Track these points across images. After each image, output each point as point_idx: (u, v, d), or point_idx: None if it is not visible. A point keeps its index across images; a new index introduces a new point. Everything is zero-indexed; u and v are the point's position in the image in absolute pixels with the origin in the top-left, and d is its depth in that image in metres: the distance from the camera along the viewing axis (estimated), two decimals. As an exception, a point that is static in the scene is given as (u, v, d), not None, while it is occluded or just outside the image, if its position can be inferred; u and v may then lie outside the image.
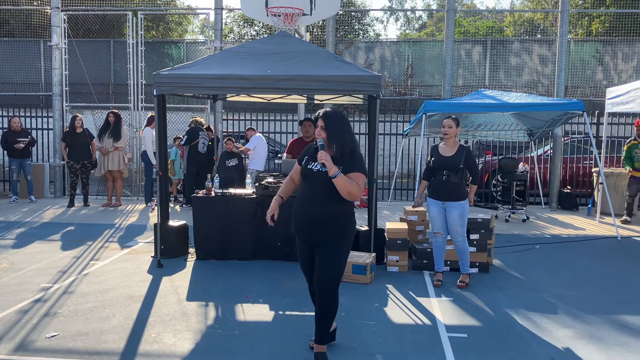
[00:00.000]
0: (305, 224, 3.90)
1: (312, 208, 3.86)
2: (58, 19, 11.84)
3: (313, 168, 3.90)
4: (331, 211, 3.84)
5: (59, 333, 4.43)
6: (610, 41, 16.79)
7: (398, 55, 18.38)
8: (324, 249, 3.86)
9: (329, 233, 3.86)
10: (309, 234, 3.92)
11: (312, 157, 3.95)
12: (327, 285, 3.84)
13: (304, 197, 3.92)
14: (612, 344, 4.38)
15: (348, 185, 3.74)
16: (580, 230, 9.09)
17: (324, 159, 3.74)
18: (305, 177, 3.96)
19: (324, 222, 3.84)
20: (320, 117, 3.91)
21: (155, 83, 6.43)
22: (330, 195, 3.81)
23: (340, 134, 3.88)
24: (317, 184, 3.85)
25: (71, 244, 7.56)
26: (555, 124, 10.37)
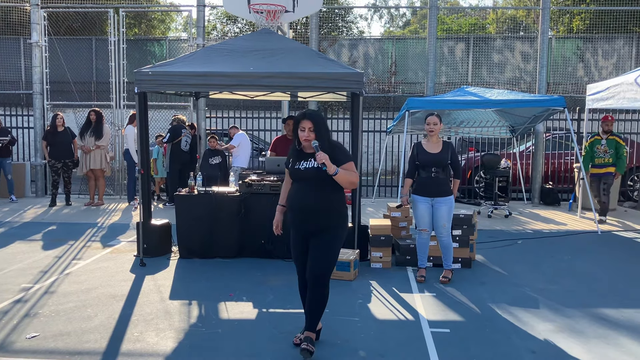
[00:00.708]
0: (299, 215, 4.02)
1: (306, 200, 3.99)
2: (38, 16, 11.69)
3: (301, 167, 4.02)
4: (324, 203, 4.00)
5: (39, 333, 4.39)
6: (591, 38, 16.97)
7: (382, 52, 18.42)
8: (317, 238, 4.01)
9: (322, 223, 4.00)
10: (304, 225, 4.03)
11: (297, 157, 4.07)
12: (319, 274, 3.97)
13: (297, 192, 4.05)
14: (591, 337, 4.44)
15: (348, 177, 3.95)
16: (561, 225, 9.19)
17: (324, 159, 3.85)
18: (295, 177, 4.07)
19: (317, 212, 3.98)
20: (306, 118, 3.97)
21: (136, 81, 6.38)
22: (321, 189, 3.98)
23: (325, 131, 4.01)
24: (308, 181, 4.00)
25: (53, 244, 7.49)
26: (537, 120, 10.47)
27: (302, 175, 4.02)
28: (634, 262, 6.82)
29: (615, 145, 9.33)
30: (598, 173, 9.44)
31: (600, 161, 9.38)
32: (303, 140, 4.00)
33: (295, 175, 4.08)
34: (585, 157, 9.56)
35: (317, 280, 3.97)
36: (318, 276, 3.97)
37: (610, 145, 9.33)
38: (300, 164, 4.05)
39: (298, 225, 4.08)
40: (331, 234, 4.03)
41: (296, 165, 4.06)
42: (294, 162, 4.09)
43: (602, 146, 9.36)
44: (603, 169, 9.40)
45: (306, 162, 4.03)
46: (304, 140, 3.99)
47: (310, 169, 3.99)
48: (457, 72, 17.34)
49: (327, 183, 3.96)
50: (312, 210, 3.99)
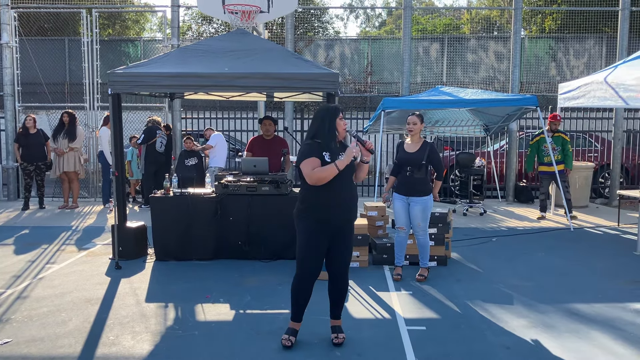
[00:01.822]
0: (339, 212, 4.09)
1: (345, 196, 4.09)
2: (8, 17, 11.49)
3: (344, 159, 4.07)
4: (354, 196, 4.20)
5: (12, 339, 4.33)
6: (563, 38, 17.26)
7: (358, 52, 18.48)
8: (345, 232, 4.16)
9: (352, 216, 4.20)
10: (340, 219, 4.11)
11: (335, 151, 4.08)
12: (347, 266, 4.23)
13: (335, 188, 4.03)
14: (563, 331, 4.52)
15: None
16: (535, 222, 9.33)
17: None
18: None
19: (351, 207, 4.16)
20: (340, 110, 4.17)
21: (110, 82, 6.32)
22: (351, 182, 4.19)
23: None
24: (344, 175, 4.06)
25: (26, 248, 7.37)
26: (510, 119, 10.61)
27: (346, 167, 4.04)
28: (605, 257, 6.97)
29: (562, 142, 9.38)
30: (549, 171, 9.37)
31: (549, 159, 9.31)
32: (343, 129, 4.12)
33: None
34: (529, 155, 9.67)
35: (346, 272, 4.22)
36: (347, 268, 4.22)
37: (557, 143, 9.37)
38: (338, 157, 4.05)
39: (333, 220, 4.08)
40: (353, 225, 4.25)
41: (337, 158, 4.05)
42: (333, 156, 4.05)
43: (550, 144, 9.31)
44: (552, 167, 9.24)
45: (341, 154, 4.06)
46: (344, 129, 4.12)
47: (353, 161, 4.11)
48: (432, 72, 17.48)
49: (352, 174, 4.17)
50: (351, 203, 4.13)
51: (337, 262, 4.19)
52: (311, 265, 4.13)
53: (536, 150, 9.56)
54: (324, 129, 4.07)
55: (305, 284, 4.18)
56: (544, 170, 9.49)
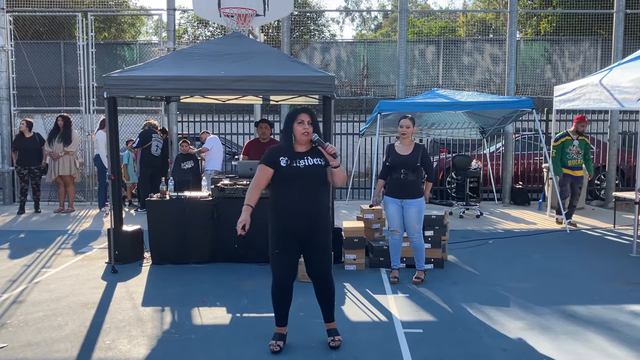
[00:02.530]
0: (301, 220, 3.96)
1: (307, 203, 3.93)
2: (4, 20, 11.47)
3: (300, 165, 3.92)
4: (322, 203, 4.01)
5: (7, 344, 4.31)
6: (558, 40, 17.32)
7: (354, 55, 18.50)
8: (318, 239, 4.04)
9: (321, 223, 4.03)
10: (304, 229, 3.99)
11: (293, 157, 3.95)
12: (327, 271, 4.13)
13: (295, 195, 3.92)
14: (560, 333, 4.53)
15: (344, 172, 3.99)
16: (531, 224, 9.35)
17: (335, 149, 3.87)
18: (292, 177, 3.92)
19: (317, 214, 3.98)
20: (305, 112, 3.93)
21: (105, 85, 6.31)
22: (318, 188, 3.98)
23: (318, 128, 4.02)
24: (306, 181, 3.92)
25: (21, 252, 7.35)
26: (506, 121, 10.64)
27: (303, 174, 3.90)
28: (601, 259, 6.98)
29: (585, 146, 9.05)
30: (571, 175, 8.99)
31: (574, 162, 8.96)
32: (301, 134, 3.88)
33: (293, 174, 3.92)
34: (555, 158, 9.10)
35: (327, 274, 4.13)
36: (327, 272, 4.12)
37: (581, 146, 9.02)
38: (297, 163, 3.91)
39: (298, 228, 3.99)
40: (328, 231, 4.12)
41: (294, 164, 3.91)
42: (290, 162, 3.92)
43: (575, 147, 8.96)
44: (576, 172, 8.98)
45: (303, 160, 3.91)
46: (303, 133, 3.87)
47: (311, 166, 3.91)
48: (428, 75, 17.51)
49: (322, 181, 3.98)
50: (315, 210, 3.96)
51: (314, 268, 4.11)
52: (281, 271, 4.07)
53: (561, 153, 9.04)
54: (284, 133, 4.03)
55: (279, 289, 4.11)
56: (567, 174, 8.99)
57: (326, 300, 4.21)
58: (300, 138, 3.92)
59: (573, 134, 9.03)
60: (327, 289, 4.18)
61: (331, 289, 4.20)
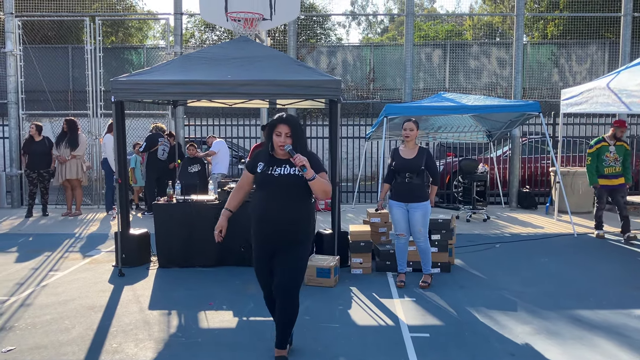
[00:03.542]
0: (269, 229, 3.80)
1: (276, 212, 3.76)
2: (12, 25, 11.56)
3: (274, 173, 3.78)
4: (295, 215, 3.79)
5: (15, 347, 4.33)
6: (565, 44, 17.28)
7: (360, 59, 18.52)
8: (287, 252, 3.80)
9: (294, 235, 3.81)
10: (273, 239, 3.82)
11: (269, 163, 3.82)
12: (289, 288, 3.79)
13: (265, 202, 3.79)
14: (567, 338, 4.50)
15: (325, 185, 3.73)
16: (538, 228, 9.31)
17: (305, 161, 3.64)
18: (265, 183, 3.81)
19: (288, 225, 3.78)
20: (283, 123, 3.76)
21: (112, 89, 6.35)
22: (292, 198, 3.77)
23: (303, 137, 3.84)
24: (279, 189, 3.76)
25: (29, 255, 7.38)
26: (513, 125, 10.61)
27: (275, 182, 3.77)
28: (609, 263, 6.94)
29: (624, 153, 8.25)
30: (609, 185, 8.24)
31: (611, 170, 8.19)
32: (278, 147, 3.76)
33: (266, 181, 3.81)
34: (590, 166, 8.30)
35: (289, 292, 3.79)
36: (289, 289, 3.79)
37: (619, 152, 8.23)
38: (273, 170, 3.80)
39: (267, 237, 3.85)
40: (301, 247, 3.84)
41: (269, 171, 3.80)
42: (266, 168, 3.82)
43: (612, 153, 8.19)
44: (615, 180, 8.21)
45: (280, 168, 3.79)
46: (279, 146, 3.75)
47: (286, 175, 3.76)
48: (435, 78, 17.51)
49: (299, 191, 3.77)
50: (286, 221, 3.77)
51: (278, 282, 3.79)
52: (260, 280, 3.99)
53: (596, 160, 8.30)
54: (266, 139, 3.92)
55: (264, 293, 4.05)
56: (603, 184, 8.27)
57: (282, 322, 3.88)
58: (277, 149, 3.80)
59: (610, 139, 8.30)
60: (286, 311, 3.84)
61: (290, 311, 3.86)
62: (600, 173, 8.25)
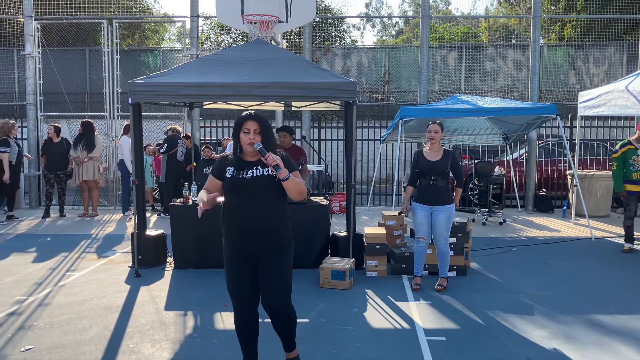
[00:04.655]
0: (245, 239, 3.50)
1: (253, 220, 3.45)
2: (31, 28, 11.71)
3: (246, 177, 3.48)
4: (272, 221, 3.50)
5: (34, 346, 4.37)
6: (582, 46, 17.12)
7: (375, 61, 18.50)
8: (270, 263, 3.51)
9: (275, 243, 3.53)
10: (251, 250, 3.52)
11: (239, 166, 3.53)
12: (280, 302, 3.53)
13: (239, 209, 3.48)
14: (586, 343, 4.46)
15: (299, 185, 3.46)
16: (555, 232, 9.23)
17: (277, 159, 3.36)
18: (237, 189, 3.50)
19: (269, 231, 3.49)
20: (252, 119, 3.49)
21: (130, 92, 6.40)
22: (267, 203, 3.49)
23: (272, 137, 3.57)
24: (252, 193, 3.46)
25: (47, 255, 7.46)
26: (530, 127, 10.54)
27: (248, 186, 3.46)
28: (627, 268, 6.86)
29: None
30: (637, 191, 7.66)
31: (638, 175, 7.63)
32: (247, 145, 3.47)
33: (237, 186, 3.49)
34: (616, 171, 7.77)
35: (281, 306, 3.55)
36: (281, 303, 3.54)
37: None
38: (244, 173, 3.50)
39: (243, 248, 3.52)
40: (284, 253, 3.56)
41: (240, 175, 3.50)
42: (236, 172, 3.52)
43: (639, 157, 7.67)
44: None
45: (251, 170, 3.49)
46: (248, 144, 3.46)
47: (259, 177, 3.47)
48: (450, 81, 17.44)
49: (274, 194, 3.49)
50: (264, 229, 3.46)
51: (264, 300, 3.53)
52: (234, 301, 3.65)
53: (622, 165, 7.75)
54: (234, 141, 3.60)
55: (237, 317, 3.67)
56: (631, 190, 7.70)
57: (283, 334, 3.69)
58: (245, 148, 3.50)
59: (637, 142, 7.70)
60: (283, 324, 3.63)
61: (288, 323, 3.63)
62: (627, 178, 7.70)
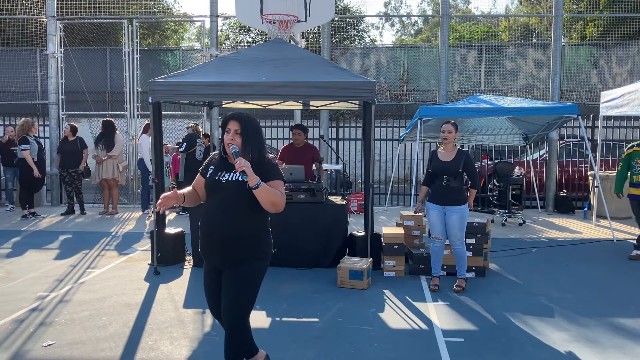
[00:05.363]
0: (214, 244, 3.33)
1: (221, 225, 3.29)
2: (54, 28, 11.87)
3: (221, 179, 3.34)
4: (244, 228, 3.30)
5: (55, 342, 4.43)
6: (605, 45, 16.87)
7: (393, 60, 18.43)
8: (233, 273, 3.32)
9: (241, 254, 3.32)
10: (217, 255, 3.35)
11: (220, 167, 3.41)
12: (235, 315, 3.32)
13: (212, 212, 3.33)
14: (607, 346, 4.39)
15: (272, 195, 3.22)
16: (576, 233, 9.11)
17: (245, 165, 3.16)
18: (212, 190, 3.37)
19: (235, 240, 3.29)
20: (234, 119, 3.35)
21: (150, 91, 6.45)
22: (242, 209, 3.29)
23: (256, 139, 3.38)
24: (227, 197, 3.29)
25: (67, 253, 7.56)
26: (551, 127, 10.41)
27: (222, 190, 3.31)
28: (650, 270, 6.75)
29: None
30: (636, 195, 7.36)
31: (638, 178, 7.34)
32: (226, 145, 3.34)
33: (213, 188, 3.36)
34: (619, 172, 7.59)
35: (234, 321, 3.32)
36: (234, 317, 3.32)
37: None
38: (221, 175, 3.36)
39: (211, 252, 3.37)
40: (251, 265, 3.34)
41: (216, 177, 3.36)
42: (215, 172, 3.40)
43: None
44: None
45: (229, 173, 3.33)
46: (227, 143, 3.32)
47: (233, 181, 3.29)
48: (470, 80, 17.31)
49: (244, 202, 3.26)
50: (230, 235, 3.28)
51: (223, 310, 3.34)
52: (210, 306, 3.53)
53: (627, 167, 7.48)
54: (221, 141, 3.47)
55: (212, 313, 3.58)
56: (633, 194, 7.39)
57: (226, 355, 3.38)
58: (226, 149, 3.36)
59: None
60: (232, 341, 3.35)
61: (234, 340, 3.34)
62: (630, 181, 7.42)
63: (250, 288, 3.33)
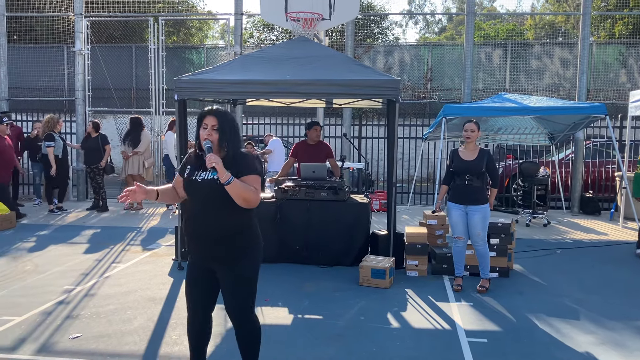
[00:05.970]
0: (200, 245, 3.31)
1: (204, 227, 3.25)
2: (81, 25, 12.04)
3: (198, 178, 3.28)
4: (228, 227, 3.26)
5: (81, 334, 4.51)
6: (634, 43, 16.56)
7: (417, 59, 18.33)
8: (225, 273, 3.31)
9: (225, 255, 3.29)
10: (208, 256, 3.32)
11: (197, 166, 3.33)
12: (242, 311, 3.36)
13: (194, 213, 3.29)
14: (634, 350, 4.32)
15: (243, 191, 3.16)
16: (602, 235, 8.97)
17: (215, 161, 3.11)
18: (190, 191, 3.33)
19: (221, 240, 3.26)
20: (211, 114, 3.27)
21: (176, 88, 6.51)
22: (223, 209, 3.23)
23: (233, 135, 3.31)
24: (206, 197, 3.24)
25: (93, 247, 7.67)
26: (577, 127, 10.27)
27: (197, 187, 3.27)
28: (679, 274, 6.62)
29: None
30: None
31: None
32: (202, 140, 3.27)
33: (190, 188, 3.31)
34: (638, 174, 7.52)
35: (242, 317, 3.37)
36: (241, 314, 3.36)
37: None
38: (198, 175, 3.30)
39: (198, 254, 3.36)
40: (243, 262, 3.33)
41: (193, 176, 3.30)
42: (192, 171, 3.34)
43: None
44: None
45: (206, 172, 3.27)
46: (203, 140, 3.26)
47: (208, 180, 3.23)
48: (495, 79, 17.13)
49: (226, 200, 3.19)
50: (214, 237, 3.25)
51: (226, 308, 3.38)
52: (189, 301, 3.45)
53: None
54: (196, 139, 3.38)
55: (188, 323, 3.49)
56: None
57: (241, 349, 3.45)
58: (202, 145, 3.28)
59: None
60: (242, 335, 3.42)
61: (247, 335, 3.42)
62: None
63: (245, 283, 3.35)
